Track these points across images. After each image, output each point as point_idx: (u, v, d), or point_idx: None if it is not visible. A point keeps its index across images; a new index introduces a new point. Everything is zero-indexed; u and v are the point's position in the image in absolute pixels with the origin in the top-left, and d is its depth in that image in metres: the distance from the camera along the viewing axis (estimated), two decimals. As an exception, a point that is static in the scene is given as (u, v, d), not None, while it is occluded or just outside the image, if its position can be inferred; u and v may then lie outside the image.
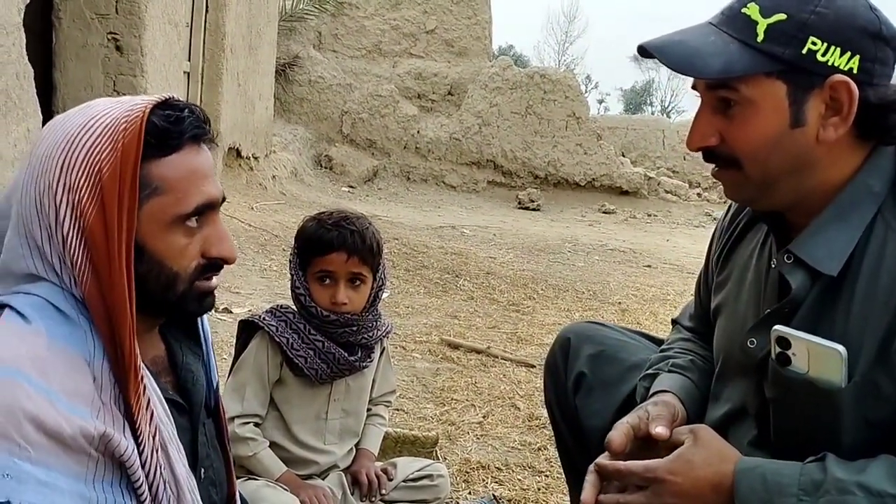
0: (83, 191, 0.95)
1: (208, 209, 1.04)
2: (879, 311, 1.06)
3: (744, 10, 1.08)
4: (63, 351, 0.92)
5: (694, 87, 1.15)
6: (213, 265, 1.07)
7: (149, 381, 1.02)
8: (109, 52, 5.01)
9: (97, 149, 0.96)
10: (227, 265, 1.09)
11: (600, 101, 44.08)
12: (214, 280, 1.08)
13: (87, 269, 0.96)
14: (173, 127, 1.00)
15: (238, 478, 1.74)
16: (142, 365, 0.99)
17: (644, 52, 1.12)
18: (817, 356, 1.08)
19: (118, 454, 0.94)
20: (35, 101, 3.52)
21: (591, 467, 1.17)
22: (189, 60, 6.86)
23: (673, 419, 1.23)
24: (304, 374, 1.79)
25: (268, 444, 1.80)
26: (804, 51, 1.04)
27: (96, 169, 0.95)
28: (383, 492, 1.87)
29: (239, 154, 8.21)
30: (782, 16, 1.05)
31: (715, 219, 11.52)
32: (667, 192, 12.42)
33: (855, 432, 1.09)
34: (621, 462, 1.14)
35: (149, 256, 1.00)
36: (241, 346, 1.86)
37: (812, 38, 1.04)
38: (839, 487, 1.02)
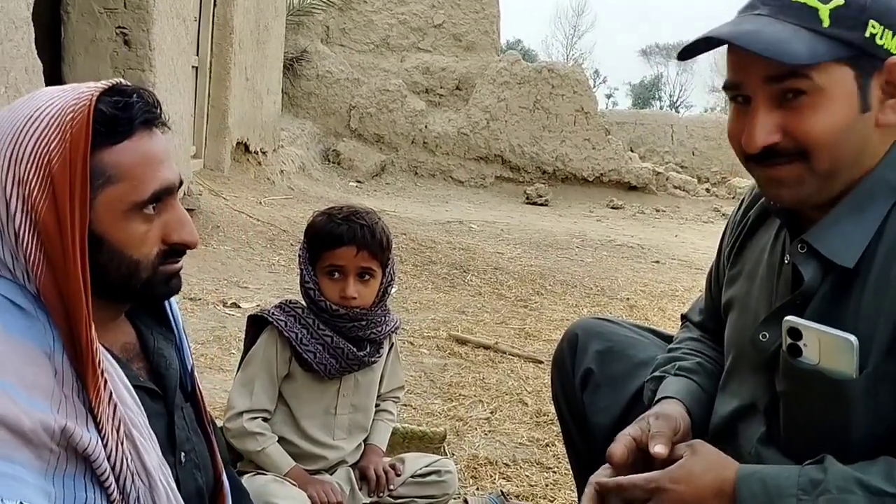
0: (33, 183, 0.93)
1: (165, 195, 1.02)
2: (891, 302, 1.06)
3: None
4: (21, 344, 0.91)
5: (732, 87, 1.11)
6: (175, 251, 1.05)
7: (113, 371, 1.00)
8: (118, 47, 5.02)
9: (45, 139, 0.94)
10: (190, 249, 1.07)
11: (608, 96, 44.00)
12: (180, 262, 1.07)
13: (41, 263, 0.94)
14: (122, 113, 0.98)
15: (246, 472, 1.75)
16: (103, 357, 0.98)
17: (714, 42, 1.08)
18: (828, 346, 1.07)
19: (81, 448, 0.93)
20: (44, 96, 3.52)
21: (592, 480, 1.17)
22: (197, 55, 6.86)
23: (674, 433, 1.21)
24: (312, 370, 1.79)
25: (276, 439, 1.80)
26: (867, 34, 1.04)
27: (45, 160, 0.94)
28: (391, 487, 1.87)
29: (247, 149, 8.22)
30: (840, 0, 1.04)
31: (723, 214, 11.48)
32: (675, 187, 12.38)
33: (865, 426, 1.08)
34: (622, 477, 1.13)
35: (108, 246, 0.99)
36: (250, 341, 1.86)
37: (872, 21, 1.03)
38: (839, 486, 1.02)
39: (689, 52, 1.13)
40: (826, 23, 1.04)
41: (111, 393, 0.98)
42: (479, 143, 11.83)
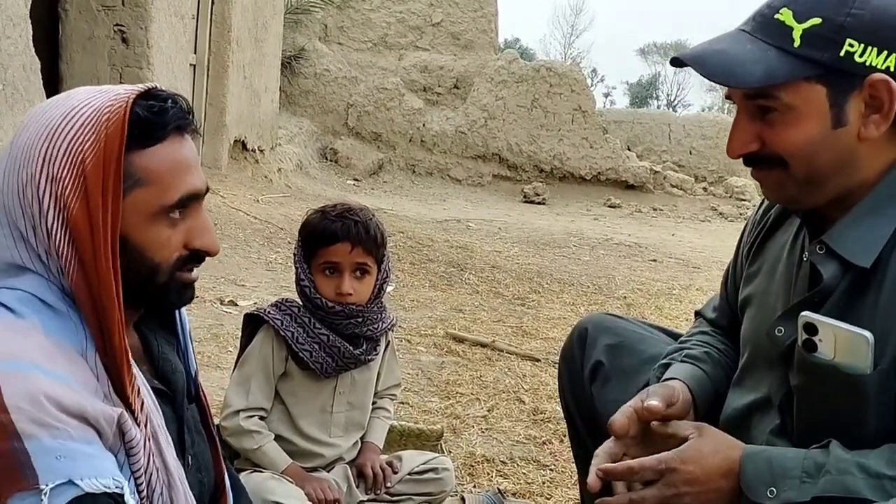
0: (66, 181, 0.94)
1: (192, 200, 1.03)
2: None
3: (777, 16, 1.08)
4: (58, 343, 0.93)
5: (728, 97, 1.17)
6: (195, 257, 1.06)
7: (136, 370, 1.02)
8: (116, 44, 5.02)
9: (80, 139, 0.95)
10: (210, 257, 1.08)
11: (606, 95, 44.04)
12: (195, 272, 1.07)
13: (73, 261, 0.95)
14: (157, 118, 0.99)
15: (243, 470, 1.75)
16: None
17: (679, 62, 1.13)
18: (844, 342, 1.09)
19: (128, 438, 0.95)
20: (42, 93, 3.53)
21: (598, 452, 1.20)
22: (195, 52, 6.86)
23: (671, 400, 1.25)
24: (309, 368, 1.79)
25: (273, 437, 1.81)
26: (842, 53, 1.05)
27: (79, 160, 0.94)
28: (388, 485, 1.88)
29: (244, 147, 8.21)
30: (818, 20, 1.06)
31: (721, 213, 11.50)
32: (672, 186, 12.40)
33: (877, 421, 1.10)
34: (632, 461, 1.15)
35: (130, 248, 0.99)
36: (246, 339, 1.86)
37: (849, 41, 1.05)
38: (839, 468, 1.05)
39: (675, 62, 1.18)
40: (797, 43, 1.06)
41: (139, 389, 0.99)
42: (477, 142, 11.84)
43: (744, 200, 12.15)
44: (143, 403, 0.99)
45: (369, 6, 12.41)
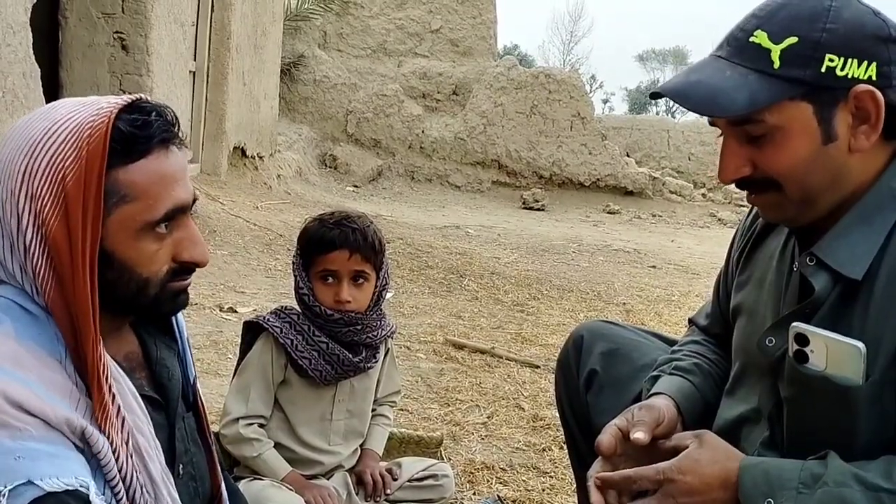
0: (46, 199, 0.93)
1: (179, 213, 1.02)
2: None
3: (752, 39, 1.08)
4: (32, 350, 0.92)
5: (712, 124, 1.16)
6: (185, 268, 1.05)
7: (123, 380, 1.01)
8: (115, 52, 5.03)
9: (61, 155, 0.94)
10: (200, 268, 1.07)
11: (605, 101, 44.07)
12: (188, 279, 1.07)
13: (50, 279, 0.94)
14: (140, 132, 0.98)
15: (243, 478, 1.75)
16: (111, 369, 0.98)
17: (659, 96, 1.14)
18: (836, 353, 1.08)
19: (96, 450, 0.94)
20: (42, 101, 3.54)
21: (590, 474, 1.20)
22: (195, 60, 6.87)
23: (656, 423, 1.24)
24: (308, 376, 1.80)
25: (272, 444, 1.81)
26: (823, 69, 1.05)
27: (59, 176, 0.93)
28: (388, 492, 1.88)
29: (244, 153, 8.22)
30: (794, 39, 1.06)
31: (720, 219, 11.51)
32: (671, 192, 12.41)
33: (869, 432, 1.10)
34: (630, 469, 1.15)
35: (118, 264, 0.98)
36: (245, 347, 1.86)
37: (829, 56, 1.05)
38: (836, 480, 1.04)
39: (655, 96, 1.18)
40: (777, 64, 1.06)
41: (119, 407, 0.98)
42: (476, 148, 11.85)
43: (743, 206, 12.15)
44: (123, 420, 0.98)
45: (368, 13, 12.44)
